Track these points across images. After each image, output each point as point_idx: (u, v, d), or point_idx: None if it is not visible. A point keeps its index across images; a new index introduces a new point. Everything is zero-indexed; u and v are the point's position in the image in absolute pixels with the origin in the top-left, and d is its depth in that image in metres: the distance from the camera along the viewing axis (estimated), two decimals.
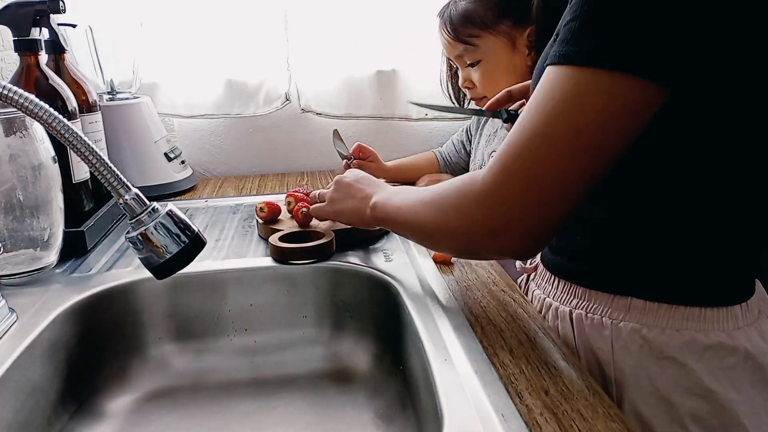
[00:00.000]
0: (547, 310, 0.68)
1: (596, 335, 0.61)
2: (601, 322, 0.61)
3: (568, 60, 0.48)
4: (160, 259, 0.55)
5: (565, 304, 0.65)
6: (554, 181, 0.49)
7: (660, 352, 0.58)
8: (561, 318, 0.65)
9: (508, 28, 1.03)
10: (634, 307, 0.59)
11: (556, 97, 0.48)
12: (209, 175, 1.45)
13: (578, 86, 0.47)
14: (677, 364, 0.57)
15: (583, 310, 0.63)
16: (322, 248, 0.79)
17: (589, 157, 0.48)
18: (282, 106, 1.39)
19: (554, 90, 0.49)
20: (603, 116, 0.47)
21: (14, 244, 0.75)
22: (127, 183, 0.54)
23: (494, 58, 1.05)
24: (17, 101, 0.50)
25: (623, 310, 0.60)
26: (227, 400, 0.71)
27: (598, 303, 0.61)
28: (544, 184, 0.49)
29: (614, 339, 0.60)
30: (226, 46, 1.33)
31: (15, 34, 0.84)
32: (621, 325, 0.59)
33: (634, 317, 0.59)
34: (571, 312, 0.64)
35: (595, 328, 0.61)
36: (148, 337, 0.76)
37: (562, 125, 0.48)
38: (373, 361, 0.74)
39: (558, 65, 0.49)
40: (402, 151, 1.37)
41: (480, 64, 1.06)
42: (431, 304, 0.67)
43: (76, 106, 0.88)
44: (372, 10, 1.33)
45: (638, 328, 0.58)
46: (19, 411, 0.58)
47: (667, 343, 0.57)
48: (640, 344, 0.58)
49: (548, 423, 0.46)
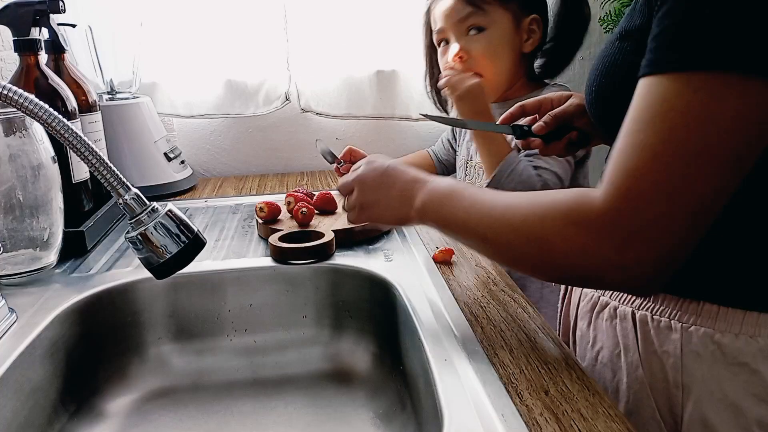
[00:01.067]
0: (602, 308, 0.66)
1: (663, 338, 0.59)
2: (670, 325, 0.59)
3: (682, 65, 0.44)
4: (159, 259, 0.55)
5: (627, 304, 0.63)
6: (693, 201, 0.44)
7: (733, 358, 0.56)
8: (621, 317, 0.63)
9: (516, 8, 1.02)
10: (706, 312, 0.57)
11: (676, 107, 0.44)
12: (209, 175, 1.45)
13: (701, 93, 0.43)
14: (749, 370, 0.56)
15: (648, 312, 0.61)
16: (322, 248, 0.79)
17: (726, 169, 0.44)
18: (282, 106, 1.39)
19: (670, 100, 0.44)
20: (736, 123, 0.43)
21: (14, 244, 0.75)
22: (126, 183, 0.54)
23: (499, 30, 1.03)
24: (17, 101, 0.50)
25: (693, 314, 0.58)
26: (227, 400, 0.71)
27: (666, 305, 0.59)
28: (681, 206, 0.44)
29: (684, 343, 0.58)
30: (226, 45, 1.33)
31: (15, 34, 0.84)
32: (692, 329, 0.57)
33: (705, 322, 0.57)
34: (633, 312, 0.62)
35: (661, 331, 0.60)
36: (148, 337, 0.76)
37: (692, 138, 0.43)
38: (373, 361, 0.74)
39: (666, 74, 0.45)
40: (402, 151, 1.37)
41: (483, 33, 1.02)
42: (431, 304, 0.67)
43: (75, 106, 0.88)
44: (372, 10, 1.33)
45: (711, 333, 0.57)
46: (19, 411, 0.58)
47: (741, 349, 0.56)
48: (712, 350, 0.57)
49: (548, 423, 0.46)
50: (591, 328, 0.68)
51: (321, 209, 0.94)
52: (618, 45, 0.55)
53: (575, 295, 0.73)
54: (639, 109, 0.46)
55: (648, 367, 0.61)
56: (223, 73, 1.35)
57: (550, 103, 0.76)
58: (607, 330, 0.66)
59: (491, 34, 1.03)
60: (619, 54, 0.55)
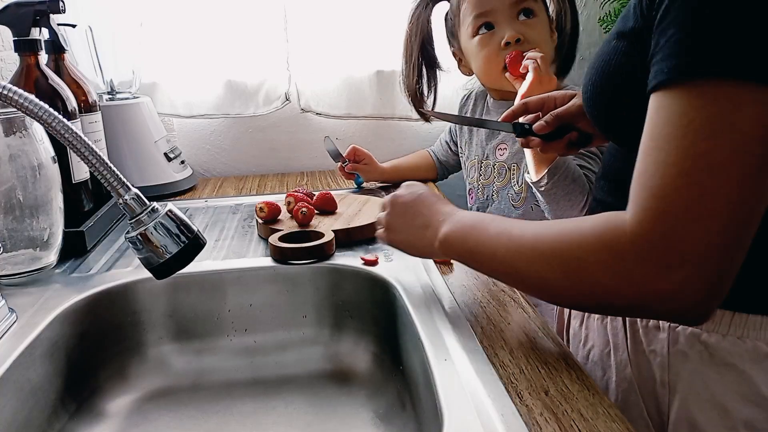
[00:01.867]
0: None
1: (651, 338, 0.60)
2: (658, 325, 0.59)
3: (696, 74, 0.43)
4: (159, 259, 0.55)
5: None
6: (728, 212, 0.43)
7: (720, 358, 0.56)
8: (611, 318, 0.64)
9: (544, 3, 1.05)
10: None
11: (695, 120, 0.43)
12: (209, 175, 1.45)
13: (720, 102, 0.42)
14: (737, 371, 0.56)
15: None
16: (322, 248, 0.79)
17: (755, 175, 0.42)
18: (282, 106, 1.39)
19: (688, 114, 0.43)
20: (757, 129, 0.42)
21: (14, 244, 0.75)
22: (126, 183, 0.54)
23: (544, 18, 1.05)
24: (17, 101, 0.50)
25: None
26: (227, 400, 0.71)
27: None
28: (717, 220, 0.43)
29: (671, 343, 0.58)
30: (225, 46, 1.33)
31: (15, 34, 0.84)
32: (679, 329, 0.58)
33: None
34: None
35: (649, 331, 0.60)
36: (148, 337, 0.76)
37: (716, 149, 0.42)
38: (373, 361, 0.74)
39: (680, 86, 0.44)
40: (402, 151, 1.37)
41: (535, 19, 1.03)
42: (431, 304, 0.67)
43: (75, 106, 0.88)
44: (372, 10, 1.33)
45: (698, 334, 0.57)
46: (19, 411, 0.58)
47: (728, 350, 0.56)
48: (699, 350, 0.57)
49: (548, 423, 0.46)
50: (583, 327, 0.69)
51: (321, 209, 0.94)
52: (614, 44, 0.56)
53: None
54: (656, 126, 0.45)
55: (636, 366, 0.61)
56: (223, 73, 1.35)
57: (553, 102, 0.76)
58: (598, 329, 0.66)
59: (541, 20, 1.03)
60: (614, 53, 0.55)
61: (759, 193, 0.43)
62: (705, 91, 0.43)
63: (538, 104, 0.77)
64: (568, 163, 0.88)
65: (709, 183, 0.42)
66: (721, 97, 0.42)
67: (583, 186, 0.89)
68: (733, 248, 0.44)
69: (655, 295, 0.45)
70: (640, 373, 0.61)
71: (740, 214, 0.43)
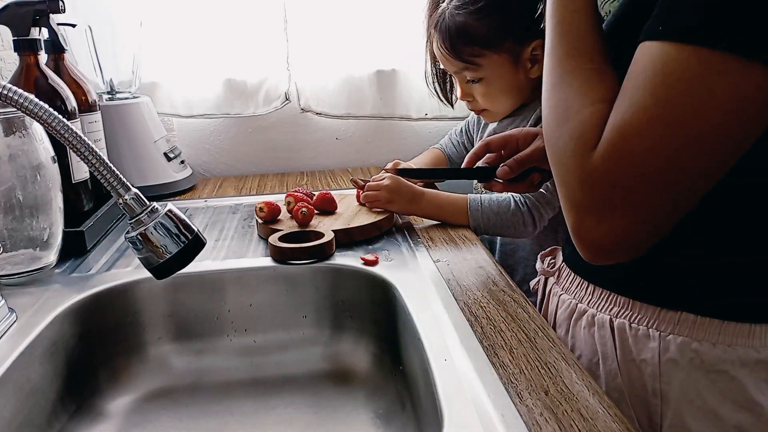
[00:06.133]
0: (579, 316, 0.66)
1: (641, 347, 0.60)
2: (648, 334, 0.59)
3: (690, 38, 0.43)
4: (159, 259, 0.55)
5: (604, 312, 0.63)
6: (678, 172, 0.45)
7: (711, 365, 0.56)
8: (599, 325, 0.63)
9: (511, 45, 0.98)
10: (684, 321, 0.57)
11: (677, 74, 0.44)
12: (209, 175, 1.45)
13: (705, 66, 0.43)
14: (728, 377, 0.56)
15: (626, 320, 0.61)
16: (322, 248, 0.79)
17: (717, 148, 0.44)
18: (282, 105, 1.38)
19: (671, 66, 0.44)
20: (733, 102, 0.43)
21: (14, 244, 0.75)
22: (126, 183, 0.54)
23: (497, 76, 1.00)
24: (17, 101, 0.50)
25: (671, 323, 0.58)
26: (227, 400, 0.71)
27: (644, 314, 0.59)
28: (665, 175, 0.45)
29: (662, 351, 0.58)
30: (225, 45, 1.32)
31: (15, 34, 0.84)
32: (669, 338, 0.58)
33: (683, 331, 0.57)
34: (612, 320, 0.62)
35: (639, 340, 0.60)
36: (148, 337, 0.76)
37: (683, 105, 0.43)
38: (373, 361, 0.74)
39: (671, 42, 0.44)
40: (402, 151, 1.37)
41: (482, 81, 1.01)
42: (431, 304, 0.67)
43: (75, 105, 0.88)
44: (372, 9, 1.33)
45: (689, 342, 0.57)
46: (18, 411, 0.58)
47: (720, 357, 0.56)
48: (691, 357, 0.57)
49: (548, 423, 0.46)
50: (569, 335, 0.68)
51: (321, 209, 0.94)
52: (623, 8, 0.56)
53: (552, 302, 0.73)
54: (638, 71, 0.46)
55: (627, 375, 0.61)
56: (222, 73, 1.35)
57: (516, 142, 0.74)
58: (586, 338, 0.65)
59: (489, 83, 1.01)
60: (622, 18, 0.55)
61: (713, 167, 0.45)
62: (695, 52, 0.43)
63: (500, 144, 0.76)
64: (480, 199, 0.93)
65: (670, 137, 0.44)
66: (708, 61, 0.43)
67: (508, 207, 0.92)
68: (665, 208, 0.46)
69: (585, 216, 0.49)
70: (631, 382, 0.60)
71: (688, 179, 0.45)
